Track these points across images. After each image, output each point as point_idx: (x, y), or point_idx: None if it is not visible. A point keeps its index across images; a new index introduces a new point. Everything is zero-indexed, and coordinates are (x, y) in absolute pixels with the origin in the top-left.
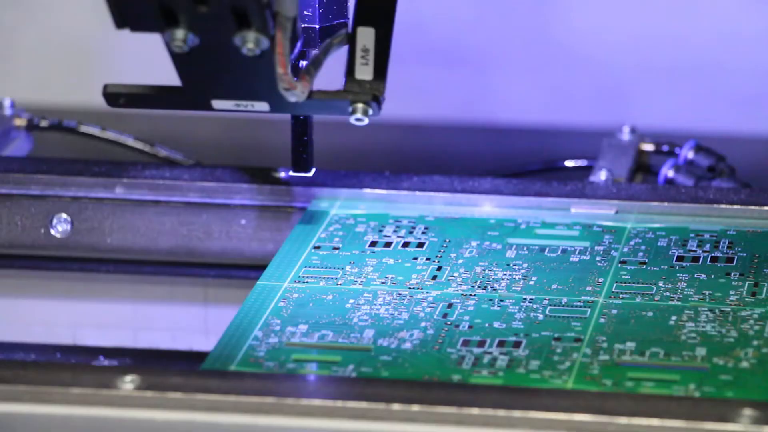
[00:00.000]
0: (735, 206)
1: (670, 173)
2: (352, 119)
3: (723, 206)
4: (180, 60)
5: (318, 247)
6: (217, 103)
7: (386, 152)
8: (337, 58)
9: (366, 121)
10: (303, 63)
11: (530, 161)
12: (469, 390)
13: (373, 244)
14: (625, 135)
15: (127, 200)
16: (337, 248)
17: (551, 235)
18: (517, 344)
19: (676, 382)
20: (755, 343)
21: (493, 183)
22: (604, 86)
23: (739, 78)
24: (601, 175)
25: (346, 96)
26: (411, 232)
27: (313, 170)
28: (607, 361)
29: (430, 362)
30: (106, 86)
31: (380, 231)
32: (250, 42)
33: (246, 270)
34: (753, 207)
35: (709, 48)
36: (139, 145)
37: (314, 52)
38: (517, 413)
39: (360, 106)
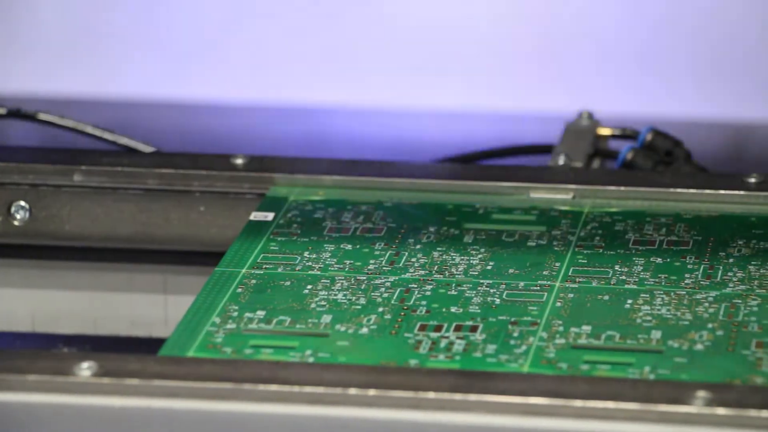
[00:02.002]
0: (691, 190)
1: (628, 157)
2: None
3: (679, 190)
4: None
5: (276, 233)
6: None
7: (345, 139)
8: None
9: None
10: None
11: (490, 147)
12: (425, 374)
13: (332, 230)
14: (584, 120)
15: (86, 187)
16: (296, 234)
17: (508, 220)
18: (473, 329)
19: (631, 364)
20: (710, 325)
21: (451, 168)
22: (563, 71)
23: (695, 63)
24: (559, 160)
25: None
26: (369, 218)
27: None
28: (563, 344)
29: (387, 347)
30: None
31: (338, 217)
32: None
33: (205, 257)
34: (708, 191)
35: (666, 33)
36: (98, 132)
37: None
38: (473, 397)
39: None
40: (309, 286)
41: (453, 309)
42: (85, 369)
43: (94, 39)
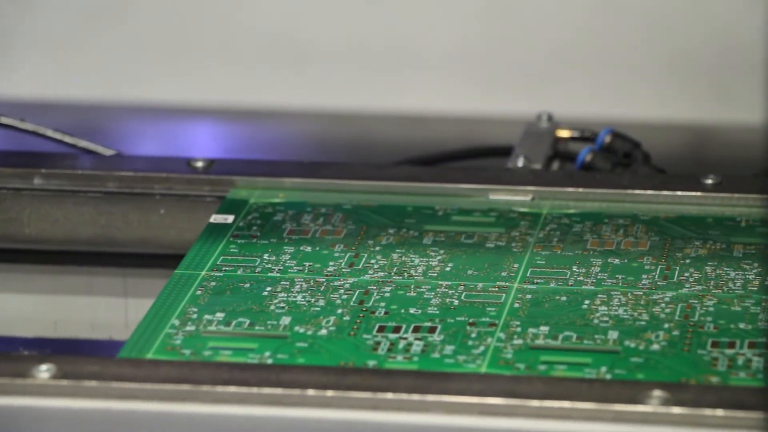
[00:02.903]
0: (648, 192)
1: (587, 159)
2: None
3: (637, 192)
4: None
5: (236, 236)
6: None
7: (308, 142)
8: None
9: None
10: None
11: (450, 149)
12: (383, 375)
13: (291, 232)
14: (543, 122)
15: (46, 190)
16: (255, 237)
17: (468, 222)
18: (432, 330)
19: (588, 364)
20: (666, 325)
21: (411, 170)
22: (523, 74)
23: (654, 66)
24: (518, 162)
25: None
26: (329, 220)
27: None
28: (520, 345)
29: (345, 348)
30: None
31: (298, 219)
32: None
33: (165, 259)
34: (666, 192)
35: (626, 35)
36: (58, 135)
37: None
38: (430, 397)
39: None
40: (268, 288)
41: (412, 310)
42: (44, 371)
43: (53, 42)
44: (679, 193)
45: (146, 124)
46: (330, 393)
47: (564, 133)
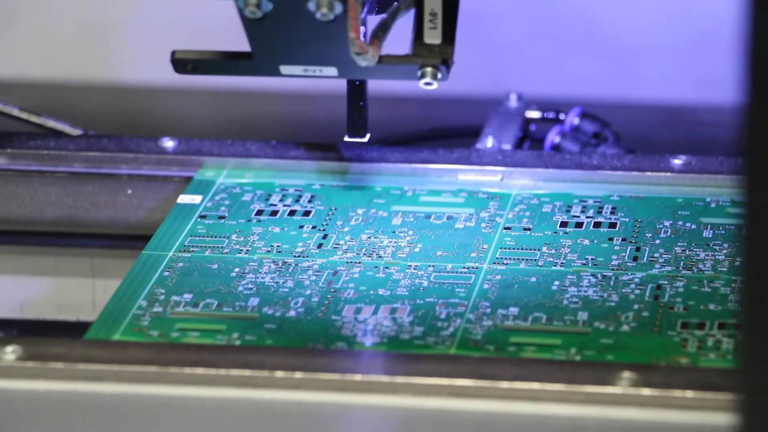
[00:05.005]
0: (618, 172)
1: (557, 139)
2: (421, 83)
3: (607, 172)
4: (252, 26)
5: (204, 216)
6: (285, 69)
7: (275, 121)
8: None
9: (435, 85)
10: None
11: (419, 129)
12: (352, 357)
13: (260, 212)
14: (512, 102)
15: (12, 171)
16: (223, 217)
17: (437, 202)
18: (401, 311)
19: (557, 346)
20: (636, 307)
21: (380, 151)
22: (492, 54)
23: (624, 45)
24: (488, 143)
25: (415, 60)
26: (297, 201)
27: (368, 136)
28: (490, 326)
29: (314, 330)
30: (173, 53)
31: (267, 200)
32: (324, 7)
33: (133, 240)
34: (636, 173)
35: (594, 14)
36: (24, 115)
37: (382, 16)
38: (399, 379)
39: (429, 70)
40: (236, 269)
41: (381, 291)
42: (10, 353)
43: (17, 20)
44: (648, 173)
45: (115, 103)
46: (298, 375)
47: (533, 114)
